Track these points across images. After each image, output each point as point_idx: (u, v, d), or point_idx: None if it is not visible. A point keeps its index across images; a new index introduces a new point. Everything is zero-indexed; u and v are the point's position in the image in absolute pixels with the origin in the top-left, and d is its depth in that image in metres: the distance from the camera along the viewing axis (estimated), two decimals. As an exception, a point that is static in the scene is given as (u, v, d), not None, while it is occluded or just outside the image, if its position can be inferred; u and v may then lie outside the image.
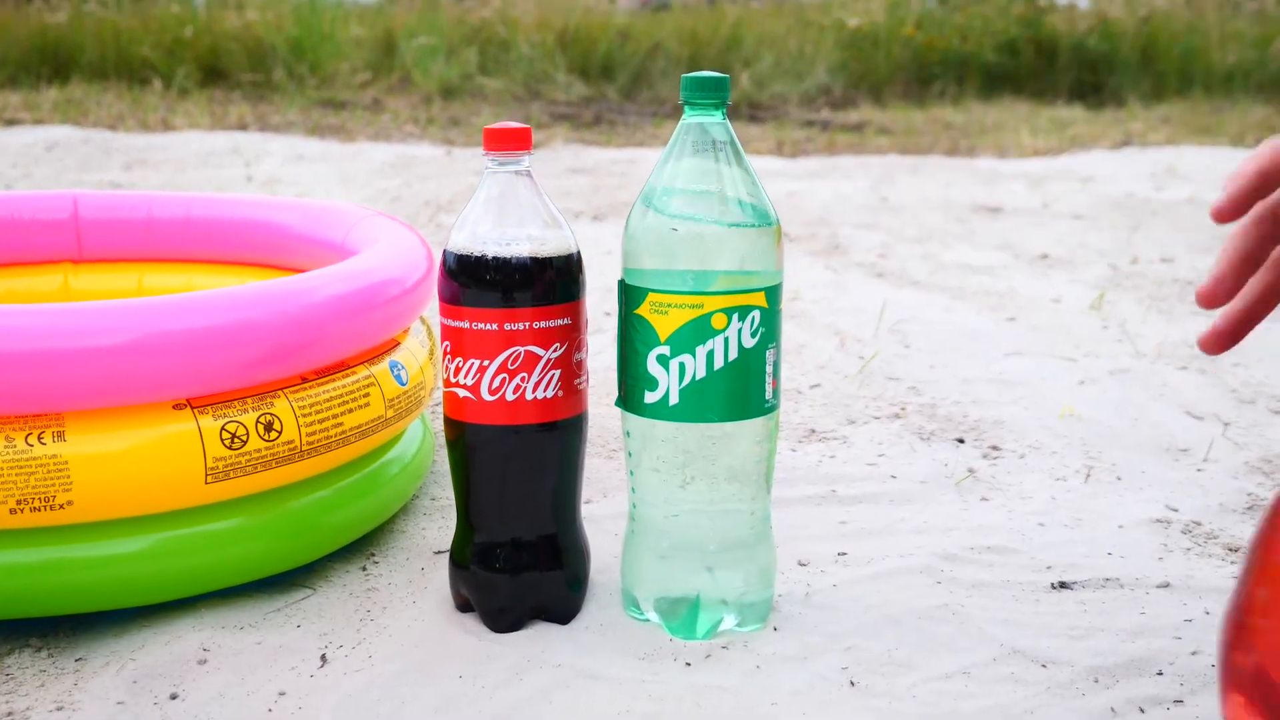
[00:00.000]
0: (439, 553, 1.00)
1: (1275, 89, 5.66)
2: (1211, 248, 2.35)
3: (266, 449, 0.87)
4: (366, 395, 0.95)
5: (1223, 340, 0.77)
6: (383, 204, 2.68)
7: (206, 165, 3.18)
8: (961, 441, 1.28)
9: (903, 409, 1.37)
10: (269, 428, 0.88)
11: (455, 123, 4.39)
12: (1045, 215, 2.72)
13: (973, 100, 5.43)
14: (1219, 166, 3.31)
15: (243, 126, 4.01)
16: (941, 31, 5.88)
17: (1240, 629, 0.57)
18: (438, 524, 1.06)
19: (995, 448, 1.26)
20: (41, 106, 4.28)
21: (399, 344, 1.03)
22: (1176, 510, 1.10)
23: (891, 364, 1.54)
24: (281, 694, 0.80)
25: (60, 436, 0.81)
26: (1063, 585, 0.95)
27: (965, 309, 1.87)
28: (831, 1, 6.34)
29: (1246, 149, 3.72)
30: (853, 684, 0.81)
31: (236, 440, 0.86)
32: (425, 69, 5.47)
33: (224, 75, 5.36)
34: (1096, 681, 0.81)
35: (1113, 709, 0.78)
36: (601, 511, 1.08)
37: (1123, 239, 2.43)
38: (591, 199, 2.76)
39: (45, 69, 5.23)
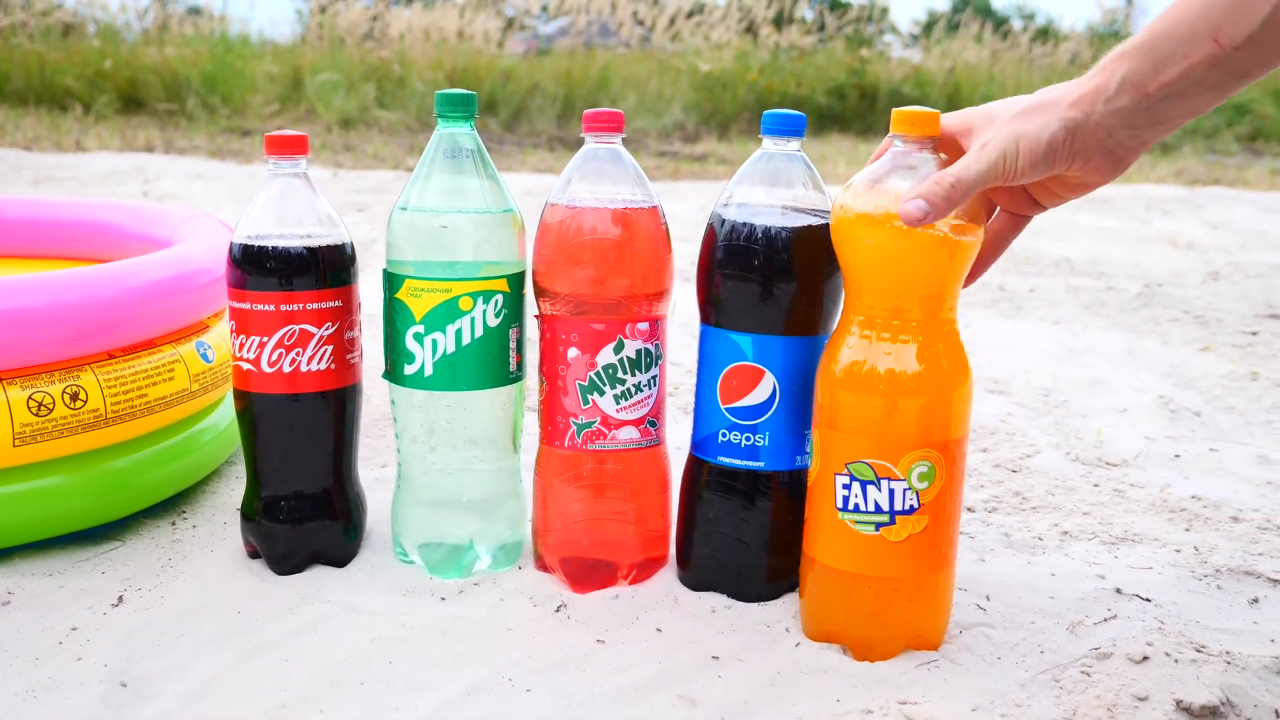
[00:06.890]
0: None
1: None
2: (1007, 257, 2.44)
3: (72, 416, 0.87)
4: (171, 370, 0.94)
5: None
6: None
7: (109, 182, 3.09)
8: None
9: (675, 389, 1.41)
10: (75, 397, 0.87)
11: (348, 149, 4.34)
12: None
13: (805, 137, 5.54)
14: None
15: (150, 149, 3.91)
16: (780, 77, 6.00)
17: None
18: (247, 486, 1.06)
19: (750, 420, 1.30)
20: (-37, 129, 4.13)
21: (209, 327, 1.03)
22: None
23: (676, 352, 1.58)
24: (74, 629, 0.79)
25: None
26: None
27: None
28: (688, 49, 6.42)
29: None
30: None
31: (43, 408, 0.85)
32: (328, 102, 5.39)
33: (141, 105, 5.22)
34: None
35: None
36: (395, 474, 1.09)
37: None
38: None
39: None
